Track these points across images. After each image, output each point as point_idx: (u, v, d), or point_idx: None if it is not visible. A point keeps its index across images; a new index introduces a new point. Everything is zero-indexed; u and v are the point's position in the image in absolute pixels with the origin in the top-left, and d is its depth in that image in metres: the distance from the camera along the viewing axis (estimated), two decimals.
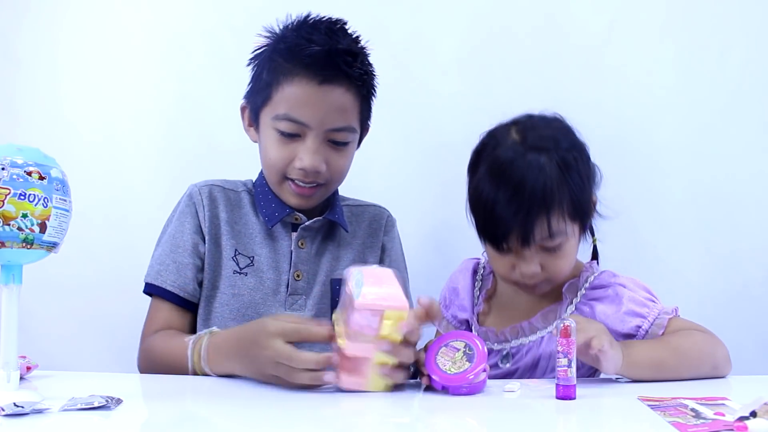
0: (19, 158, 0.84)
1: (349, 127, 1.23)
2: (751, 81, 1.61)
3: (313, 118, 1.19)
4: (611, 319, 1.14)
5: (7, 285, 0.87)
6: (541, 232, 1.10)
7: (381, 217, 1.39)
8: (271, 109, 1.22)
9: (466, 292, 1.31)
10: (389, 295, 0.95)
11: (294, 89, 1.19)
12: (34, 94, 1.65)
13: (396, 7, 1.64)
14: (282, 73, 1.20)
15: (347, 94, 1.21)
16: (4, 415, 0.78)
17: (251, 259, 1.26)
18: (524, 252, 1.12)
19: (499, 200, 1.10)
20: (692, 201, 1.61)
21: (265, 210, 1.28)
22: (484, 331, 1.25)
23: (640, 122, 1.60)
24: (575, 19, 1.63)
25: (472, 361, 0.96)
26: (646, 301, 1.15)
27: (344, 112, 1.21)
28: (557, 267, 1.15)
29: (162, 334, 1.20)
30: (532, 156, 1.10)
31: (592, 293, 1.19)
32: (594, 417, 0.89)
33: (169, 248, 1.25)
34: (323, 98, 1.19)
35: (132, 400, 0.90)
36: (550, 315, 1.19)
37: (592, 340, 0.96)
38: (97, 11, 1.66)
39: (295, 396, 0.95)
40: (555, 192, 1.09)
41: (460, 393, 0.95)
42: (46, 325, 1.58)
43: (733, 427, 0.75)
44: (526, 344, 1.20)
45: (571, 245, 1.15)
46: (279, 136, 1.21)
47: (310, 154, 1.20)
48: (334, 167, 1.24)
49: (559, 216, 1.10)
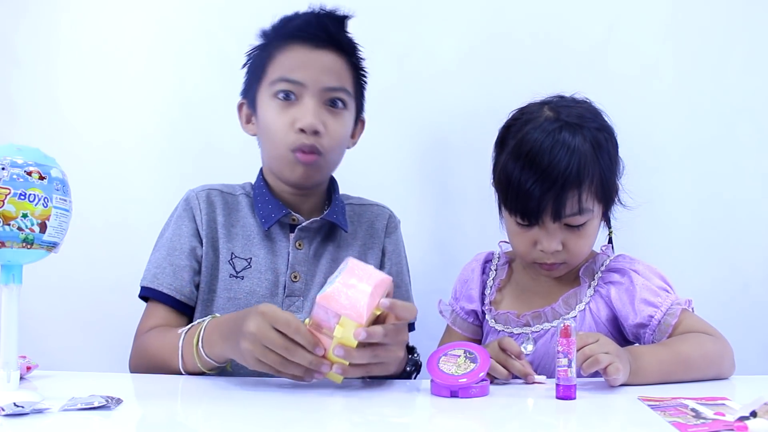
0: (19, 158, 0.84)
1: (343, 87, 1.25)
2: (751, 81, 1.61)
3: (308, 77, 1.22)
4: (626, 308, 1.15)
5: (7, 285, 0.87)
6: (571, 207, 1.12)
7: (383, 218, 1.38)
8: (267, 80, 1.25)
9: (475, 282, 1.31)
10: (354, 302, 0.91)
11: (287, 55, 1.23)
12: (34, 93, 1.64)
13: (396, 8, 1.64)
14: (274, 48, 1.25)
15: (339, 60, 1.25)
16: (4, 415, 0.78)
17: (248, 261, 1.26)
18: (549, 227, 1.14)
19: (532, 174, 1.11)
20: (692, 201, 1.61)
21: (262, 211, 1.27)
22: (504, 314, 1.24)
23: (640, 122, 1.59)
24: (575, 20, 1.63)
25: (477, 362, 0.96)
26: (660, 291, 1.15)
27: (338, 74, 1.25)
28: (578, 246, 1.16)
29: (156, 330, 1.19)
30: (567, 132, 1.13)
31: (608, 276, 1.20)
32: (594, 417, 0.89)
33: (166, 252, 1.25)
34: (317, 60, 1.23)
35: (132, 400, 0.90)
36: (571, 299, 1.20)
37: (608, 368, 0.96)
38: (96, 11, 1.65)
39: (294, 396, 0.95)
40: (588, 168, 1.12)
41: (470, 395, 0.94)
42: (46, 325, 1.58)
43: (733, 427, 0.75)
44: (549, 329, 1.20)
45: (593, 226, 1.17)
46: (277, 103, 1.23)
47: (309, 113, 1.21)
48: (332, 132, 1.24)
49: (589, 193, 1.13)
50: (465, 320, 1.31)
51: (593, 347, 0.97)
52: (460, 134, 1.63)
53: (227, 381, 1.03)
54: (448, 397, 0.95)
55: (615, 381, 0.97)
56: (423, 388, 1.02)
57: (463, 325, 1.31)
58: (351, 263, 0.96)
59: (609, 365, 0.96)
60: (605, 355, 0.96)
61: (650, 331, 1.13)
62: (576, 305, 1.20)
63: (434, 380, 0.97)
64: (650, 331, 1.13)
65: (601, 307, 1.19)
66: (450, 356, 0.99)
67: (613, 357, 0.97)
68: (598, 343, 0.98)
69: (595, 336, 1.00)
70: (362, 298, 0.91)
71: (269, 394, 0.96)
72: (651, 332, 1.13)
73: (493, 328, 1.25)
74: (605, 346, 0.98)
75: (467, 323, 1.31)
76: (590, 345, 0.97)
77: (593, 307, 1.19)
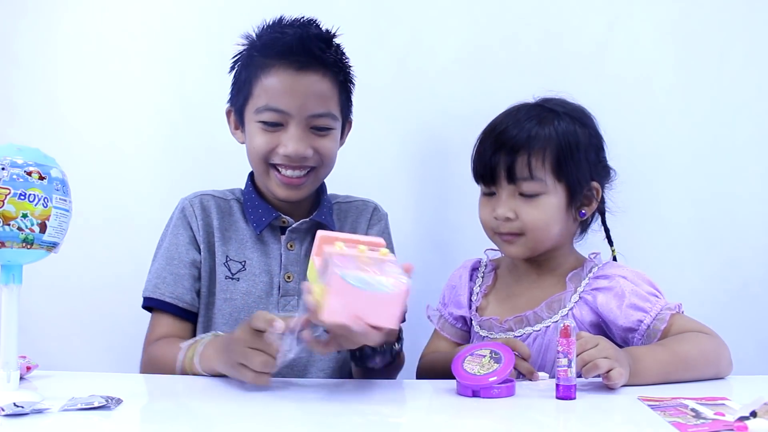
0: (19, 158, 0.84)
1: (329, 113, 1.25)
2: (751, 81, 1.61)
3: (293, 106, 1.21)
4: (614, 312, 1.15)
5: (7, 285, 0.87)
6: (521, 170, 1.17)
7: (367, 211, 1.39)
8: (253, 104, 1.24)
9: (463, 288, 1.32)
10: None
11: (272, 80, 1.22)
12: (34, 93, 1.64)
13: (396, 9, 1.64)
14: (260, 67, 1.23)
15: (324, 81, 1.23)
16: (4, 415, 0.78)
17: (243, 264, 1.28)
18: (505, 192, 1.20)
19: (489, 141, 1.22)
20: (692, 201, 1.61)
21: (253, 216, 1.29)
22: (487, 320, 1.25)
23: (640, 122, 1.59)
24: (575, 20, 1.63)
25: (501, 362, 0.96)
26: (649, 296, 1.15)
27: (323, 98, 1.24)
28: (531, 216, 1.19)
29: (161, 341, 1.21)
30: (534, 111, 1.22)
31: (595, 282, 1.20)
32: (594, 417, 0.89)
33: (165, 261, 1.26)
34: (301, 85, 1.21)
35: (132, 400, 0.90)
36: (555, 304, 1.20)
37: (611, 373, 0.96)
38: (96, 11, 1.65)
39: (295, 396, 0.95)
40: (540, 139, 1.18)
41: (491, 395, 0.94)
42: (46, 325, 1.58)
43: (733, 427, 0.75)
44: (530, 333, 1.20)
45: (550, 203, 1.19)
46: (263, 127, 1.23)
47: (294, 141, 1.22)
48: (322, 150, 1.25)
49: (539, 161, 1.18)
50: (453, 326, 1.31)
51: (592, 353, 0.97)
52: (460, 134, 1.61)
53: (227, 381, 1.03)
54: (470, 396, 0.94)
55: (615, 385, 0.97)
56: (423, 389, 1.02)
57: (451, 330, 1.32)
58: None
59: (609, 370, 0.96)
60: (604, 360, 0.96)
61: (639, 335, 1.13)
62: (559, 310, 1.19)
63: (457, 380, 0.97)
64: (639, 335, 1.13)
65: (585, 313, 1.18)
66: (476, 356, 0.99)
67: (613, 362, 0.97)
68: (597, 348, 0.98)
69: (594, 341, 0.99)
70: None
71: (269, 394, 0.96)
72: (640, 336, 1.13)
73: (478, 334, 1.26)
74: (604, 350, 0.98)
75: (455, 329, 1.31)
76: (589, 351, 0.97)
77: (577, 313, 1.18)
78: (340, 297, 0.85)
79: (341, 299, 0.85)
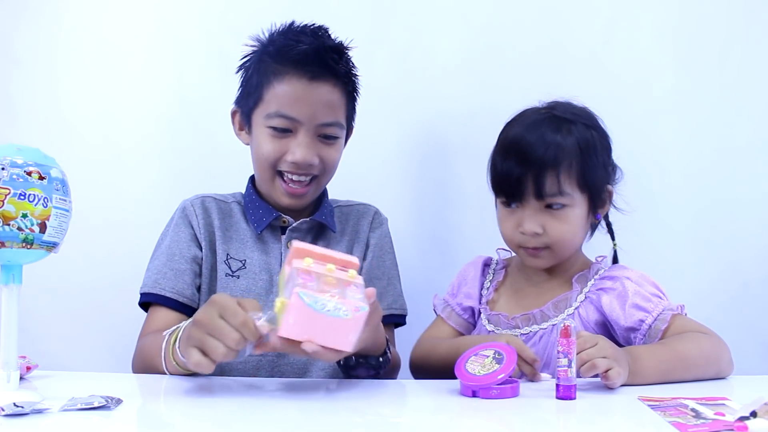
0: (19, 158, 0.84)
1: (337, 122, 1.27)
2: (751, 81, 1.61)
3: (304, 114, 1.23)
4: (617, 312, 1.16)
5: (7, 285, 0.87)
6: (551, 186, 1.16)
7: (367, 214, 1.40)
8: (263, 108, 1.25)
9: (474, 280, 1.33)
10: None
11: (285, 87, 1.23)
12: (34, 93, 1.65)
13: (396, 9, 1.64)
14: (272, 73, 1.24)
15: (335, 91, 1.26)
16: (4, 415, 0.78)
17: (243, 263, 1.29)
18: (531, 208, 1.18)
19: (514, 158, 1.18)
20: (692, 201, 1.61)
21: (254, 216, 1.30)
22: (496, 315, 1.26)
23: (639, 122, 1.59)
24: (575, 21, 1.63)
25: (502, 363, 0.96)
26: (652, 297, 1.16)
27: (333, 107, 1.26)
28: (558, 231, 1.18)
29: (153, 333, 1.18)
30: (552, 123, 1.19)
31: (601, 283, 1.21)
32: (594, 417, 0.89)
33: (166, 258, 1.26)
34: (313, 94, 1.23)
35: (132, 400, 0.90)
36: (561, 304, 1.21)
37: (609, 372, 0.96)
38: (96, 11, 1.65)
39: (294, 396, 0.95)
40: (566, 155, 1.16)
41: (490, 396, 0.93)
42: (46, 325, 1.58)
43: (733, 427, 0.75)
44: (537, 332, 1.21)
45: (575, 214, 1.19)
46: (272, 133, 1.25)
47: (303, 148, 1.24)
48: (327, 160, 1.27)
49: (568, 177, 1.17)
50: (460, 316, 1.31)
51: (590, 352, 0.97)
52: (460, 134, 1.63)
53: (227, 381, 1.03)
54: (470, 396, 0.94)
55: (613, 384, 0.97)
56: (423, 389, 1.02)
57: (457, 320, 1.32)
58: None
59: (608, 370, 0.96)
60: (603, 360, 0.96)
61: (640, 335, 1.14)
62: (565, 309, 1.21)
63: (460, 380, 0.96)
64: (640, 335, 1.14)
65: (590, 312, 1.19)
66: (480, 356, 0.99)
67: (611, 361, 0.97)
68: (596, 347, 0.98)
69: (593, 340, 0.99)
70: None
71: (269, 394, 0.96)
72: (641, 336, 1.14)
73: (485, 328, 1.26)
74: (603, 350, 0.98)
75: (461, 319, 1.32)
76: (588, 350, 0.97)
77: (583, 312, 1.20)
78: (296, 315, 0.85)
79: (297, 317, 0.85)
